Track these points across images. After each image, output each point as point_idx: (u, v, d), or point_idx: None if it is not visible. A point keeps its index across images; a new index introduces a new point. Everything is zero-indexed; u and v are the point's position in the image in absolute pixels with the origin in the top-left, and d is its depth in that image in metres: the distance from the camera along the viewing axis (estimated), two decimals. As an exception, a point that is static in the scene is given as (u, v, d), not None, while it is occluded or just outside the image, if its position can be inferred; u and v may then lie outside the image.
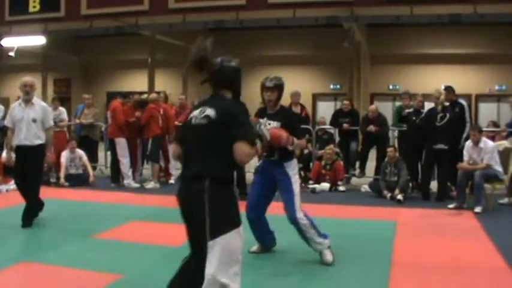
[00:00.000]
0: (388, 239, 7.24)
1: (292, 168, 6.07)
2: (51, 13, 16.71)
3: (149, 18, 16.33)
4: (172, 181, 12.33)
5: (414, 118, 11.10)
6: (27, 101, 7.96)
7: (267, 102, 6.09)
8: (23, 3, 17.01)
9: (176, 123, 12.76)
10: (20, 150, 7.93)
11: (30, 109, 7.92)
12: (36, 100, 8.12)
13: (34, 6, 16.88)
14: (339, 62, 21.22)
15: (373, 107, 12.73)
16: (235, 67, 4.22)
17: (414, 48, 21.71)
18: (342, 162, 11.87)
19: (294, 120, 6.20)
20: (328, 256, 6.03)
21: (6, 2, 17.32)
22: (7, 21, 17.54)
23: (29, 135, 7.85)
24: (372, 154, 12.30)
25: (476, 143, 9.55)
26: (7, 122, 8.18)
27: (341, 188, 11.50)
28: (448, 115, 10.31)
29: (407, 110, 11.43)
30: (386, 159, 10.83)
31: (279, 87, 6.04)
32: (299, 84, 19.87)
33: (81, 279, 5.49)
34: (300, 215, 6.03)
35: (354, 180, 12.58)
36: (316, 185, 11.43)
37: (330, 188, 11.48)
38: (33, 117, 7.88)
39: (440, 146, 10.25)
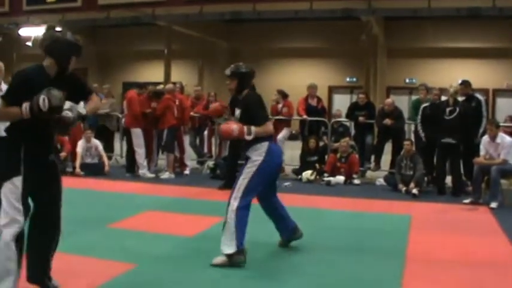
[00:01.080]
0: (403, 233, 7.21)
1: (255, 150, 5.67)
2: (69, 3, 16.84)
3: (166, 8, 16.36)
4: (187, 172, 12.34)
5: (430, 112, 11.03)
6: None
7: (228, 90, 6.04)
8: (41, -7, 17.12)
9: (192, 113, 12.80)
10: None
11: None
12: (4, 86, 6.98)
13: (51, -4, 16.99)
14: (356, 54, 21.14)
15: (389, 100, 12.67)
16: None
17: (431, 41, 21.55)
18: (357, 155, 11.84)
19: (252, 107, 5.78)
20: (217, 260, 5.53)
21: (24, -9, 17.45)
22: (25, 11, 17.68)
23: None
24: (388, 147, 12.26)
25: (493, 138, 9.49)
26: None
27: (356, 181, 11.46)
28: (457, 109, 10.22)
29: (424, 105, 11.36)
30: (402, 152, 10.77)
31: (237, 75, 5.90)
32: (315, 76, 19.90)
33: (94, 268, 5.51)
34: (235, 204, 5.52)
35: (369, 173, 12.55)
36: (331, 178, 11.40)
37: (345, 181, 11.44)
38: None
39: (448, 140, 10.17)
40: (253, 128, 5.61)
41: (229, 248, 5.49)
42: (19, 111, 4.11)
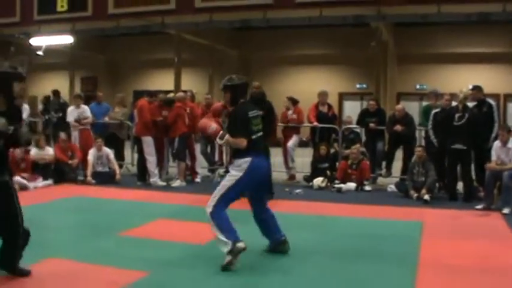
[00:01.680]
0: (415, 239, 7.19)
1: (236, 166, 5.92)
2: (79, 12, 16.89)
3: (176, 17, 16.41)
4: (198, 179, 12.36)
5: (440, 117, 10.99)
6: None
7: (225, 102, 6.26)
8: (51, 2, 17.22)
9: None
10: None
11: None
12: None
13: (62, 6, 17.08)
14: (366, 61, 21.10)
15: (399, 106, 12.65)
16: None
17: (442, 47, 21.52)
18: (368, 162, 11.81)
19: (232, 120, 6.01)
20: (224, 262, 5.72)
21: (34, 1, 17.54)
22: (36, 21, 17.76)
23: None
24: (398, 154, 12.22)
25: (504, 143, 9.46)
26: None
27: (367, 188, 11.43)
28: (466, 115, 10.19)
29: (434, 110, 11.31)
30: (414, 158, 10.73)
31: (230, 88, 6.10)
32: (325, 83, 19.89)
33: (107, 276, 5.54)
34: (209, 209, 5.82)
35: (380, 180, 12.50)
36: (342, 185, 11.38)
37: (356, 188, 11.41)
38: None
39: (458, 146, 10.14)
40: (227, 136, 5.90)
41: (226, 246, 5.69)
42: None
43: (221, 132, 5.95)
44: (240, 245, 5.69)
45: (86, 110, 13.31)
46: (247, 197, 6.28)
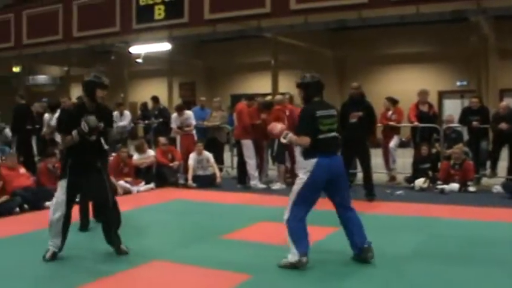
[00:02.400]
0: (523, 242, 6.93)
1: (302, 168, 5.98)
2: (176, 19, 17.30)
3: (271, 20, 16.50)
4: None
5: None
6: None
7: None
8: (149, 11, 17.73)
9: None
10: None
11: None
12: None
13: (159, 14, 17.56)
14: (465, 57, 20.48)
15: (503, 103, 12.24)
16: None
17: (547, 40, 20.65)
18: (471, 162, 11.49)
19: (299, 118, 6.17)
20: (281, 262, 5.90)
21: (133, 11, 18.10)
22: (134, 29, 18.33)
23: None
24: (504, 153, 11.84)
25: None
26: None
27: (471, 189, 11.12)
28: None
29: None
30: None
31: (302, 85, 6.16)
32: (424, 81, 19.54)
33: (211, 278, 5.65)
34: (285, 216, 5.97)
35: (484, 180, 12.15)
36: (444, 186, 11.13)
37: (460, 189, 11.13)
38: None
39: None
40: (290, 135, 6.10)
41: (292, 256, 5.81)
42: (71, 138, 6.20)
43: (285, 131, 6.16)
44: (304, 260, 5.77)
45: (189, 117, 13.57)
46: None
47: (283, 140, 6.18)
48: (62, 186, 6.34)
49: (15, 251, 6.88)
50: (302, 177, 5.91)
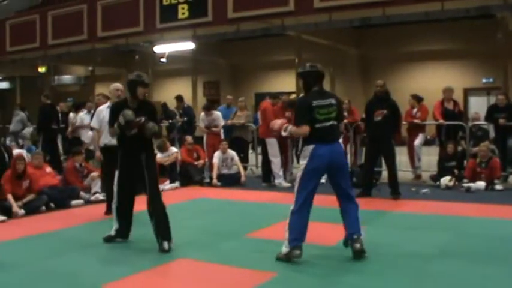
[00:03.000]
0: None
1: (303, 156, 6.13)
2: (200, 18, 17.29)
3: (295, 18, 16.44)
4: (322, 180, 12.30)
5: None
6: None
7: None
8: (173, 11, 17.74)
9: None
10: (110, 149, 8.39)
11: None
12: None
13: (183, 13, 17.55)
14: (491, 54, 20.28)
15: (529, 100, 12.12)
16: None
17: None
18: (498, 160, 11.38)
19: (295, 109, 6.37)
20: (278, 255, 6.08)
21: (157, 11, 18.15)
22: (158, 29, 18.36)
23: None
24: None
25: None
26: (94, 123, 8.98)
27: (498, 187, 10.99)
28: None
29: None
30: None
31: (301, 75, 6.31)
32: (449, 79, 19.38)
33: (236, 276, 5.66)
34: (292, 206, 6.15)
35: (511, 178, 12.02)
36: (471, 184, 11.02)
37: (486, 187, 11.01)
38: None
39: None
40: (289, 127, 6.26)
41: (285, 247, 6.01)
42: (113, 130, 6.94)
43: (285, 125, 6.37)
44: (296, 253, 5.93)
45: (217, 117, 13.59)
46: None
47: (283, 133, 6.39)
48: (115, 177, 7.00)
49: (40, 248, 6.97)
50: (302, 162, 6.12)
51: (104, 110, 8.82)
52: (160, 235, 6.63)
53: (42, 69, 25.65)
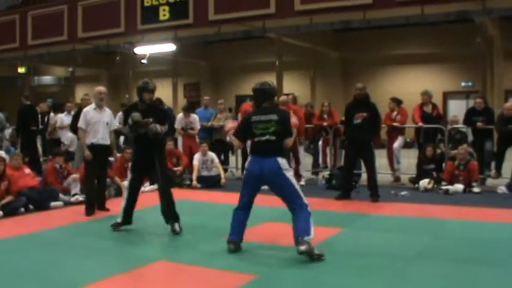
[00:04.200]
0: (528, 243, 6.92)
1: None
2: (181, 20, 17.30)
3: (276, 21, 16.48)
4: (302, 182, 12.35)
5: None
6: (101, 106, 9.41)
7: None
8: (154, 12, 17.73)
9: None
10: (97, 148, 9.14)
11: (103, 114, 9.40)
12: (105, 106, 9.51)
13: (164, 15, 17.55)
14: (470, 58, 20.47)
15: (508, 104, 12.18)
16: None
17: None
18: (476, 163, 11.48)
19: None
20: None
21: (138, 12, 18.12)
22: (139, 30, 18.34)
23: (105, 135, 9.25)
24: (509, 154, 11.82)
25: None
26: (81, 124, 9.27)
27: (476, 190, 11.09)
28: None
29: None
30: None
31: (253, 91, 6.88)
32: (429, 82, 19.55)
33: (217, 278, 5.67)
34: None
35: (489, 181, 12.12)
36: (449, 186, 11.12)
37: (464, 190, 11.10)
38: (106, 120, 9.37)
39: None
40: (230, 134, 7.00)
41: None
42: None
43: (231, 131, 6.97)
44: (231, 247, 6.55)
45: (195, 120, 13.60)
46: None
47: (227, 138, 6.95)
48: (130, 171, 8.07)
49: (17, 250, 6.92)
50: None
51: (90, 110, 9.27)
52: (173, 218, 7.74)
53: (22, 70, 25.48)
